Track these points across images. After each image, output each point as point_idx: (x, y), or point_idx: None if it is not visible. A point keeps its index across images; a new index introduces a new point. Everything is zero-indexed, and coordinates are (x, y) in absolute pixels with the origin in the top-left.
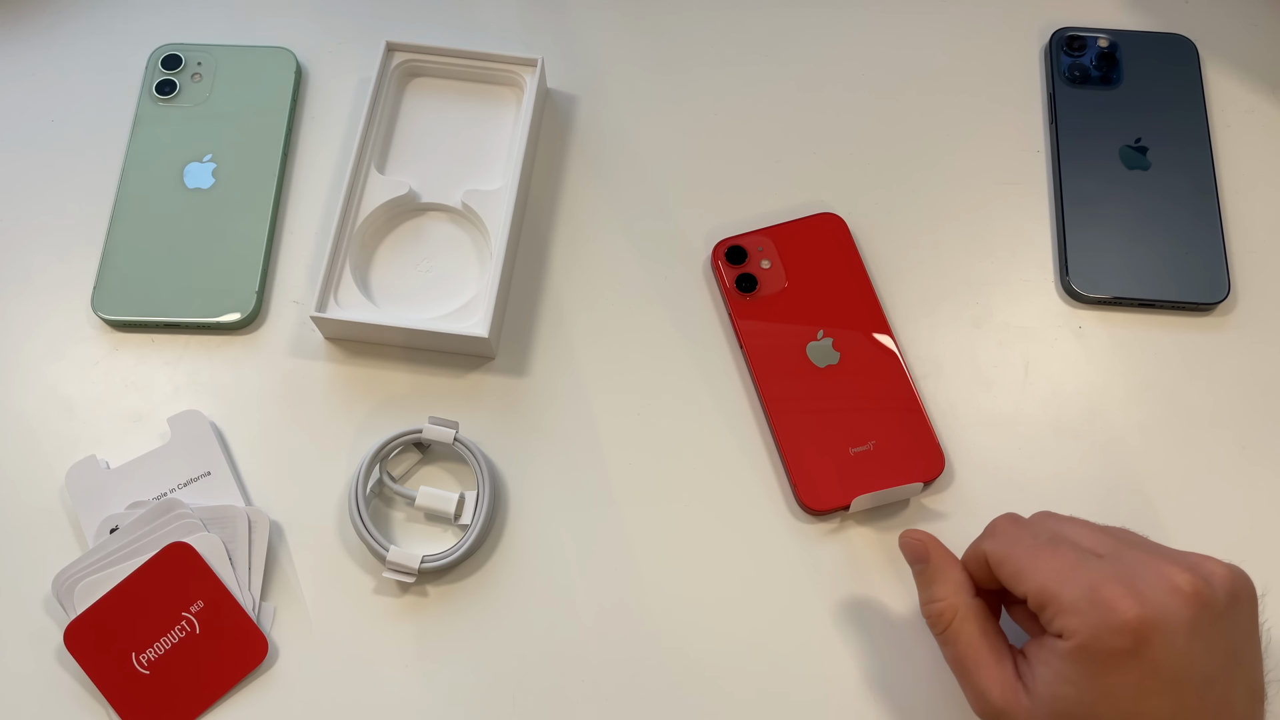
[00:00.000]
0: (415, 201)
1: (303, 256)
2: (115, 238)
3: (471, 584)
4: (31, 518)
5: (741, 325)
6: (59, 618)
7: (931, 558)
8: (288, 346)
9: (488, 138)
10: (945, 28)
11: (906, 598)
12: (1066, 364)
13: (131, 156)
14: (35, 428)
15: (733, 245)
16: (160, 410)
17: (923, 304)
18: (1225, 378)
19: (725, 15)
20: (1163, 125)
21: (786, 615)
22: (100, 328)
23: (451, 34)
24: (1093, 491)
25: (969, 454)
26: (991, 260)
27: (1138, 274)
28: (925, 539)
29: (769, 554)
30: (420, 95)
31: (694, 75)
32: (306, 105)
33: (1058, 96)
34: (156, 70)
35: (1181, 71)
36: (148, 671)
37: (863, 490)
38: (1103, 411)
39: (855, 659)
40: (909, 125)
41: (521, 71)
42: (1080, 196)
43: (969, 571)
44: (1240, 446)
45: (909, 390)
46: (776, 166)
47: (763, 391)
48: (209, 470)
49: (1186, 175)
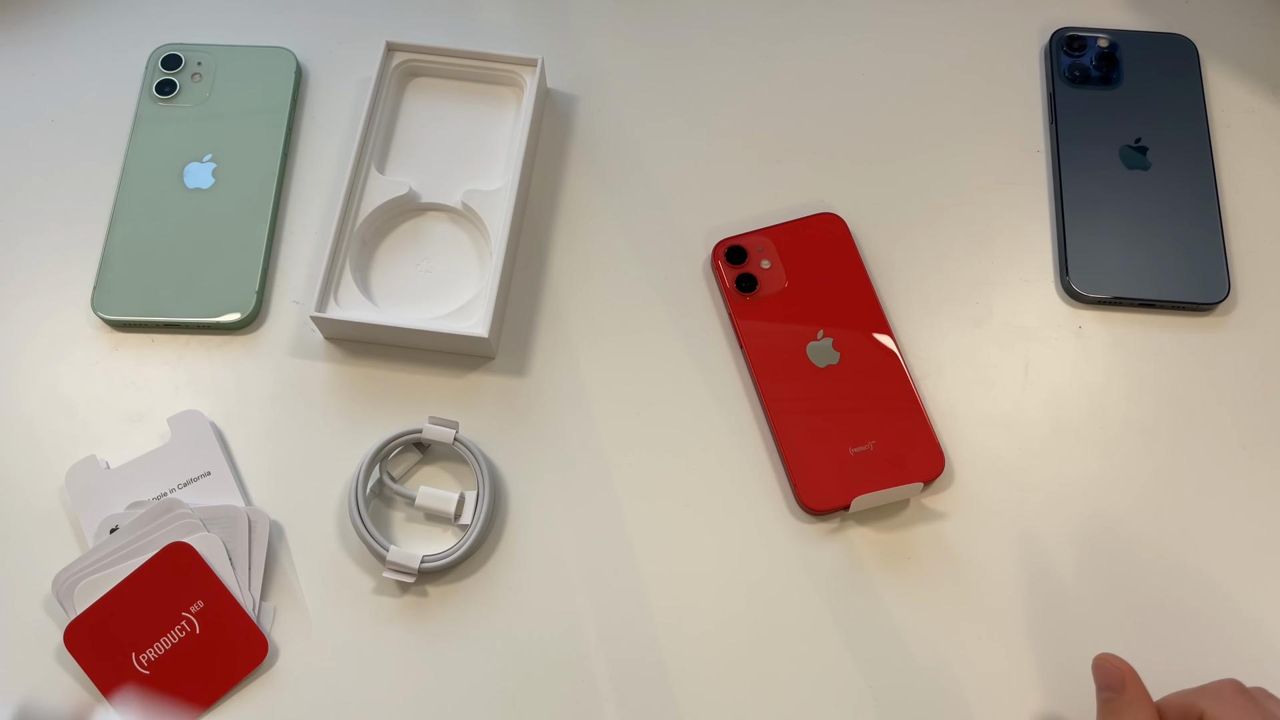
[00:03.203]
0: (415, 201)
1: (303, 256)
2: (115, 237)
3: (471, 584)
4: (31, 518)
5: (741, 325)
6: (59, 618)
7: (1127, 691)
8: (288, 346)
9: (488, 138)
10: (945, 27)
11: (907, 598)
12: (1067, 364)
13: (131, 156)
14: (35, 428)
15: (733, 245)
16: (160, 410)
17: (923, 304)
18: (1225, 378)
19: (726, 15)
20: (1163, 125)
21: (786, 615)
22: (100, 328)
23: (452, 34)
24: (1093, 492)
25: (969, 454)
26: (991, 260)
27: (1138, 274)
28: (1124, 669)
29: (769, 554)
30: (420, 95)
31: (695, 75)
32: (306, 105)
33: (1058, 96)
34: (156, 70)
35: (1182, 72)
36: (148, 671)
37: (863, 490)
38: (1103, 411)
39: (855, 659)
40: (909, 125)
41: (521, 71)
42: (1080, 196)
43: (1164, 718)
44: (1240, 446)
45: (909, 390)
46: (777, 166)
47: (763, 391)
48: (209, 470)
49: (1186, 175)
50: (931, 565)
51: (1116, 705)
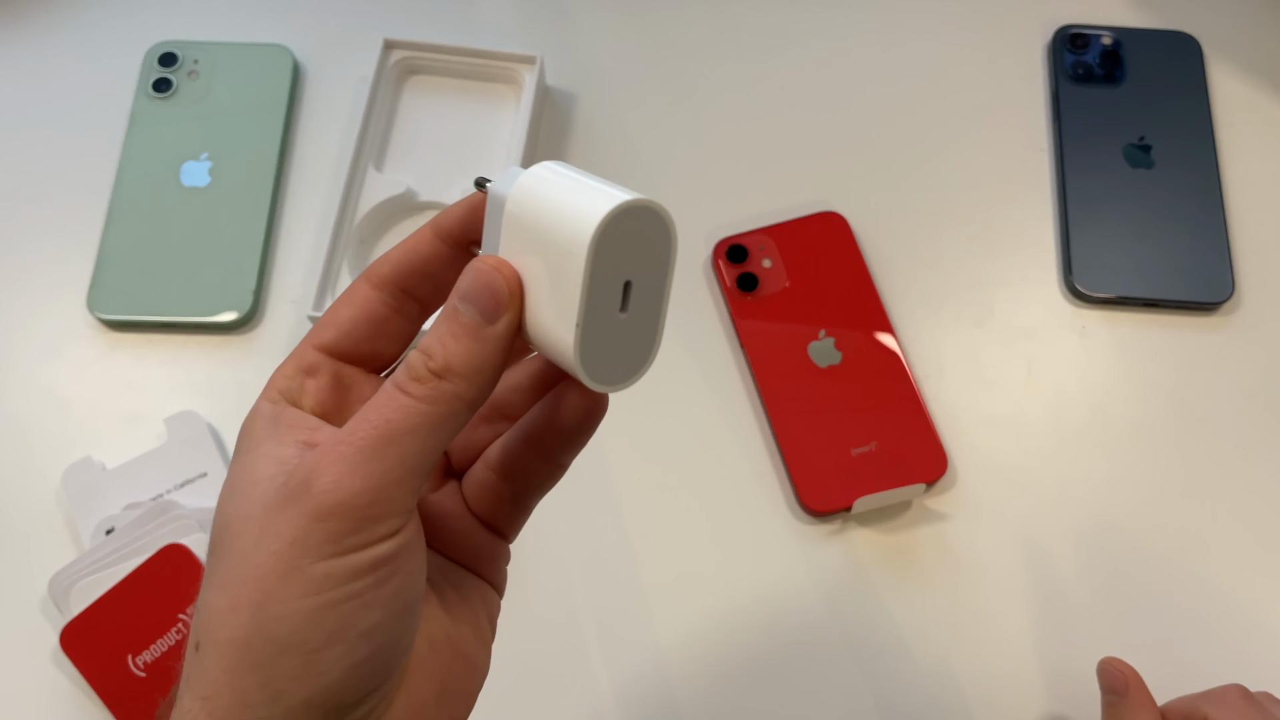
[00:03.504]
0: (413, 200)
1: (300, 255)
2: (111, 237)
3: None
4: (28, 519)
5: (742, 325)
6: (55, 619)
7: (1130, 694)
8: (285, 346)
9: (486, 136)
10: (948, 25)
11: (909, 599)
12: (1069, 364)
13: (128, 155)
14: (31, 428)
15: (733, 244)
16: (157, 411)
17: (925, 303)
18: (1229, 377)
19: (726, 13)
20: (1166, 123)
21: (788, 616)
22: (96, 327)
23: (450, 31)
24: (1096, 493)
25: (971, 455)
26: (994, 259)
27: (1141, 273)
28: (1128, 672)
29: (770, 555)
30: (418, 93)
31: (695, 73)
32: (304, 103)
33: (1061, 94)
34: (153, 68)
35: (1185, 69)
36: (144, 674)
37: (865, 491)
38: (1106, 412)
39: (856, 660)
40: (911, 123)
41: (520, 69)
42: (1083, 195)
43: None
44: (1243, 446)
45: (911, 390)
46: (778, 165)
47: (764, 392)
48: (205, 471)
49: (1190, 174)
50: (934, 566)
51: (1120, 709)
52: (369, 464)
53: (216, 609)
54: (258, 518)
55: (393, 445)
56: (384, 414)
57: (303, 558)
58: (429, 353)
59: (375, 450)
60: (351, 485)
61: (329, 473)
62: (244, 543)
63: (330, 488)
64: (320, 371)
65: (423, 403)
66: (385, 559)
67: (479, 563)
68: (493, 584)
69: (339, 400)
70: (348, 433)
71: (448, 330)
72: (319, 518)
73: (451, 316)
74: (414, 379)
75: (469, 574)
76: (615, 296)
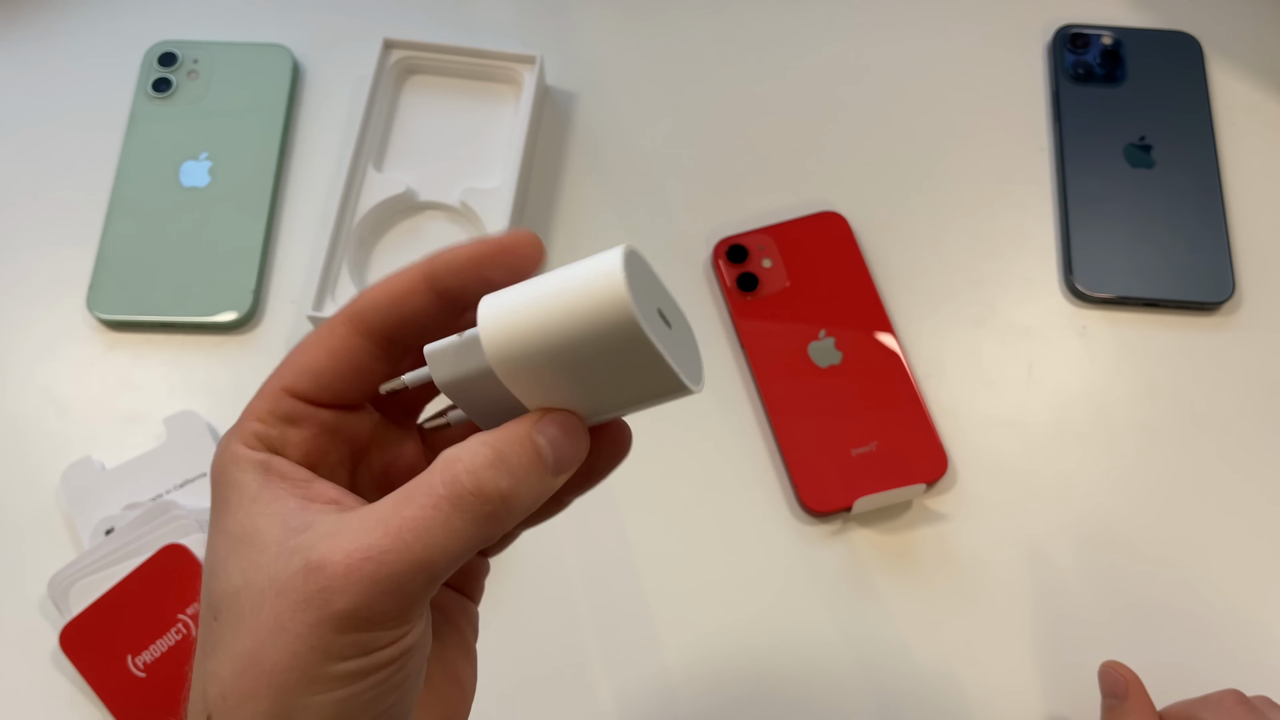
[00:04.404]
0: (413, 200)
1: (299, 255)
2: (111, 236)
3: None
4: (27, 519)
5: (742, 325)
6: (54, 620)
7: (1130, 698)
8: (285, 346)
9: (486, 135)
10: (948, 25)
11: (909, 600)
12: (1070, 364)
13: (127, 154)
14: (30, 428)
15: (734, 244)
16: (156, 411)
17: (925, 303)
18: (1230, 377)
19: (726, 12)
20: (1167, 123)
21: (788, 617)
22: (96, 327)
23: (450, 31)
24: (1097, 494)
25: (972, 455)
26: (995, 259)
27: (1142, 273)
28: (1129, 676)
29: (770, 555)
30: (418, 93)
31: (695, 72)
32: (303, 103)
33: (1061, 94)
34: (152, 68)
35: (1186, 69)
36: (144, 674)
37: (865, 491)
38: (1107, 412)
39: (857, 661)
40: (911, 123)
41: (520, 69)
42: (1084, 195)
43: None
44: (1245, 447)
45: (911, 390)
46: (778, 164)
47: (764, 392)
48: (205, 472)
49: (1191, 174)
50: (934, 567)
51: (1120, 712)
52: (399, 587)
53: (232, 690)
54: (271, 601)
55: (425, 571)
56: (424, 539)
57: (325, 663)
58: (497, 481)
59: (408, 575)
60: (382, 607)
61: (355, 591)
62: (257, 624)
63: (355, 607)
64: (302, 422)
65: (471, 525)
66: (408, 649)
67: (462, 581)
68: (471, 597)
69: (324, 446)
70: (378, 549)
71: (524, 465)
72: (342, 630)
73: (533, 453)
74: (476, 495)
75: (450, 591)
76: (659, 322)
